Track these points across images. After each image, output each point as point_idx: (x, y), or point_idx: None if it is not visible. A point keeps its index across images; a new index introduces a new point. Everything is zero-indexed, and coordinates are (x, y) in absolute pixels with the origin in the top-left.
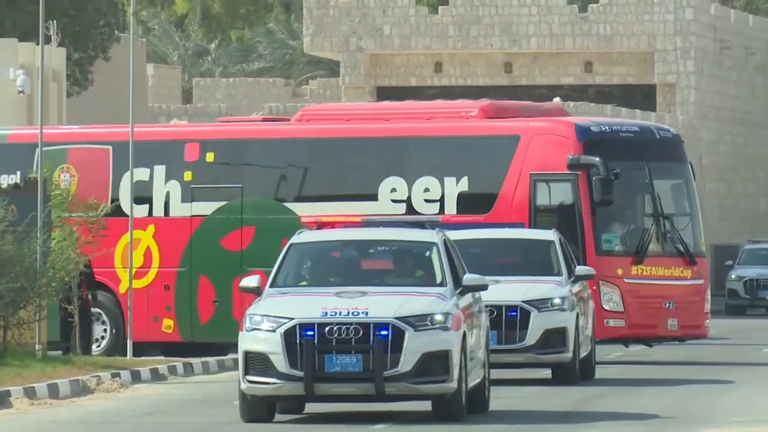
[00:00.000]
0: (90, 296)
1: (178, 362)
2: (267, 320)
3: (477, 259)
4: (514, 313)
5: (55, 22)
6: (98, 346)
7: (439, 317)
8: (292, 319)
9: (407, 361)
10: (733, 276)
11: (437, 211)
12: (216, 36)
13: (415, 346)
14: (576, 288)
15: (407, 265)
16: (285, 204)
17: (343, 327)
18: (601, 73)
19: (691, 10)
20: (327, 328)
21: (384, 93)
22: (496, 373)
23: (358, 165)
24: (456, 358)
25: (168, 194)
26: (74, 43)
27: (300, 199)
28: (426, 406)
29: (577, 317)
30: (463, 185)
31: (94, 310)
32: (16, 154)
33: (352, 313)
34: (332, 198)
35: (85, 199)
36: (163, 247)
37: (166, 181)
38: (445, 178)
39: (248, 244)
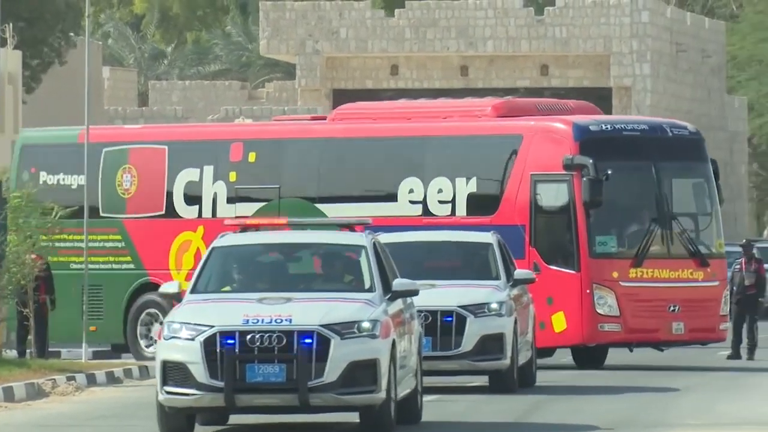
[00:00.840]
0: (48, 300)
1: (134, 365)
2: (186, 328)
3: (413, 263)
4: (449, 319)
5: (11, 24)
6: (147, 346)
7: (366, 324)
8: (212, 326)
9: (333, 370)
10: None
11: (449, 213)
12: (173, 38)
13: (341, 355)
14: (515, 292)
15: (334, 270)
16: (316, 205)
17: (266, 335)
18: (557, 76)
19: (647, 13)
20: (248, 337)
21: (340, 96)
22: (431, 381)
23: (378, 165)
24: (384, 367)
25: (215, 195)
26: (31, 50)
27: (327, 200)
28: (354, 417)
29: (516, 323)
30: (472, 186)
31: (151, 310)
32: (83, 154)
33: (275, 321)
34: (355, 199)
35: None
36: None
37: (214, 181)
38: (456, 179)
39: None
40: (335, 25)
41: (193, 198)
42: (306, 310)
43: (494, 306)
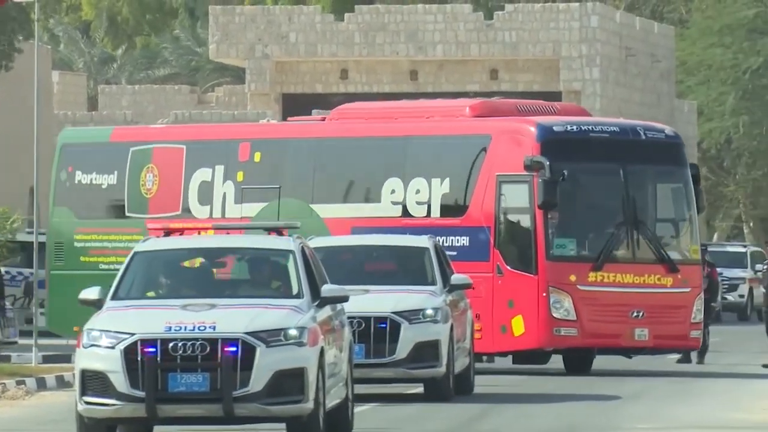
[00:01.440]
0: None
1: None
2: (106, 336)
3: (347, 267)
4: (383, 325)
5: None
6: None
7: (293, 332)
8: (133, 334)
9: (258, 379)
10: None
11: (425, 214)
12: (122, 43)
13: (266, 364)
14: (451, 298)
15: (261, 275)
16: (311, 205)
17: (189, 343)
18: (506, 80)
19: (596, 18)
20: (171, 345)
21: (289, 100)
22: (365, 389)
23: (362, 166)
24: (312, 377)
25: (224, 195)
26: None
27: (320, 200)
28: (281, 428)
29: (452, 329)
30: (445, 187)
31: None
32: (115, 154)
33: (199, 328)
34: (343, 200)
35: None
36: None
37: (224, 181)
38: (432, 180)
39: None
40: (285, 29)
41: (205, 198)
42: (231, 317)
43: (429, 312)
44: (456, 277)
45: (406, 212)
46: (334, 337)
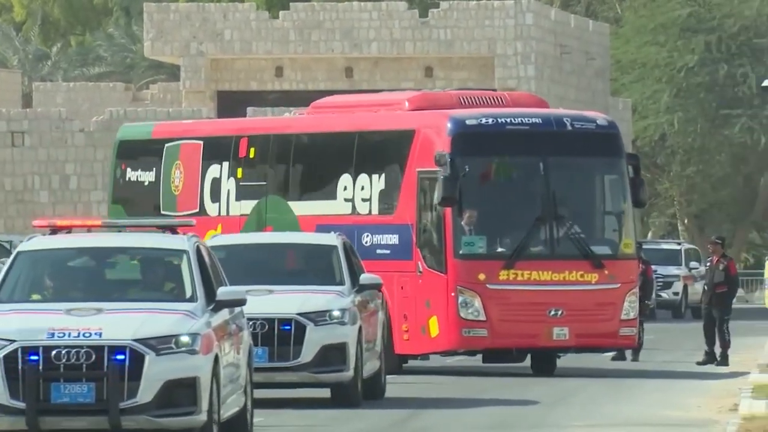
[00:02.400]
0: None
1: None
2: None
3: (251, 267)
4: (287, 327)
5: None
6: None
7: (185, 339)
8: (14, 341)
9: (147, 390)
10: None
11: (368, 212)
12: (56, 41)
13: (156, 373)
14: (360, 298)
15: (153, 277)
16: (289, 203)
17: (73, 351)
18: (441, 78)
19: (531, 15)
20: (54, 352)
21: (225, 97)
22: (268, 394)
23: (321, 161)
24: (205, 386)
25: (228, 192)
26: None
27: (293, 197)
28: None
29: (360, 331)
30: (382, 183)
31: None
32: (154, 151)
33: (84, 335)
34: (310, 197)
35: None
36: None
37: (228, 177)
38: (373, 176)
39: None
40: (220, 26)
41: (215, 195)
42: (118, 323)
43: (336, 313)
44: (365, 277)
45: (354, 209)
46: (231, 342)
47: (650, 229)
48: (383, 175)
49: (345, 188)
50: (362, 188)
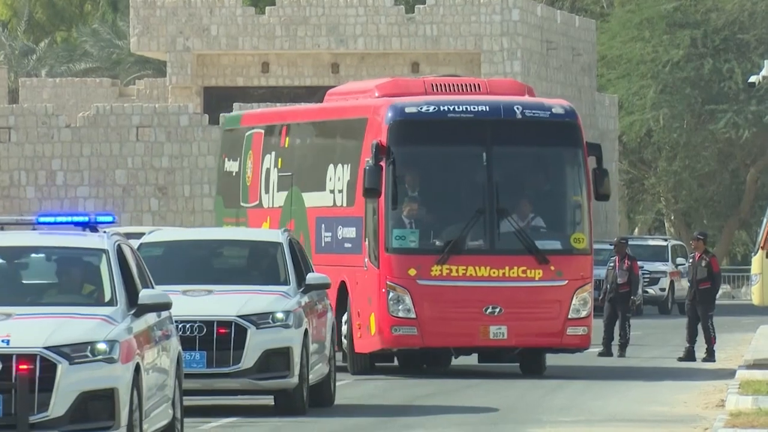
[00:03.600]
0: None
1: None
2: None
3: (189, 265)
4: (227, 330)
5: None
6: None
7: (102, 346)
8: None
9: (60, 403)
10: None
11: (341, 203)
12: (41, 37)
13: (70, 384)
14: (306, 299)
15: (69, 279)
16: (302, 194)
17: None
18: (428, 74)
19: (517, 11)
20: None
21: (210, 93)
22: (206, 402)
23: (315, 152)
24: (125, 398)
25: (273, 183)
26: None
27: (304, 188)
28: None
29: (306, 334)
30: (347, 174)
31: None
32: (240, 140)
33: None
34: (311, 188)
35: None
36: None
37: (273, 168)
38: (343, 166)
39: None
40: (206, 22)
41: (267, 186)
42: (28, 329)
43: (280, 316)
44: (312, 276)
45: (334, 201)
46: (156, 350)
47: (637, 226)
48: (349, 166)
49: (330, 179)
50: (338, 179)
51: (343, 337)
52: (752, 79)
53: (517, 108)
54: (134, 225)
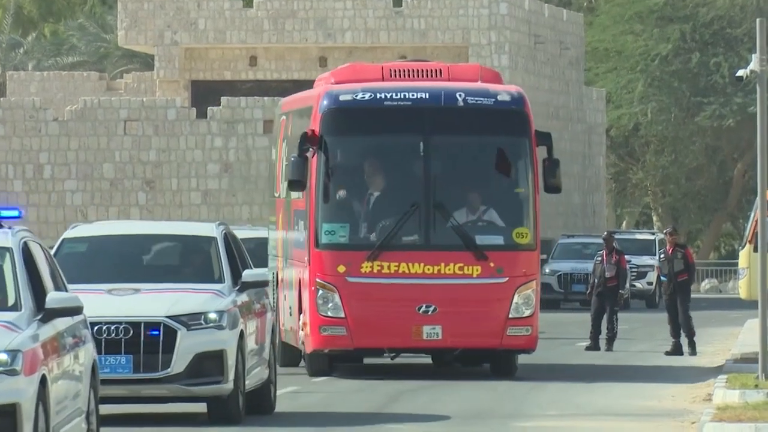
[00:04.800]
0: None
1: None
2: None
3: (115, 261)
4: (155, 333)
5: None
6: None
7: (3, 357)
8: None
9: None
10: (547, 270)
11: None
12: (29, 31)
13: None
14: (243, 298)
15: None
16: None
17: None
18: None
19: (505, 5)
20: None
21: (198, 87)
22: (134, 409)
23: (294, 141)
24: (29, 413)
25: (282, 172)
26: None
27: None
28: None
29: (242, 336)
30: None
31: None
32: (278, 126)
33: None
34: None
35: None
36: None
37: (285, 156)
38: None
39: None
40: (193, 16)
41: (281, 176)
42: None
43: (213, 316)
44: (249, 273)
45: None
46: (67, 358)
47: (624, 219)
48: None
49: None
50: None
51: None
52: (740, 72)
53: (459, 95)
54: (122, 219)
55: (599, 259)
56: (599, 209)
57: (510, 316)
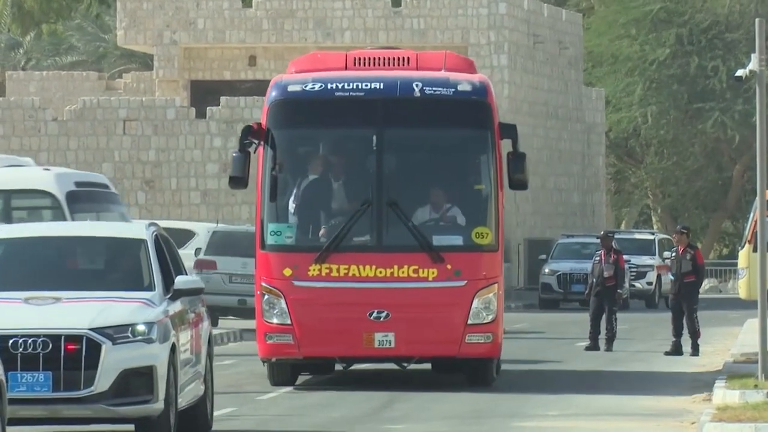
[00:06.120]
0: None
1: None
2: None
3: (33, 267)
4: (77, 347)
5: None
6: None
7: (141, 327)
8: None
9: None
10: (546, 270)
11: None
12: (29, 30)
13: None
14: (178, 308)
15: None
16: None
17: None
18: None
19: (504, 5)
20: None
21: (198, 86)
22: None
23: None
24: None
25: None
26: None
27: None
28: None
29: (174, 350)
30: None
31: None
32: None
33: None
34: None
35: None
36: None
37: None
38: None
39: None
40: (192, 15)
41: None
42: None
43: (141, 328)
44: (182, 280)
45: None
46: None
47: (623, 219)
48: None
49: None
50: None
51: None
52: (739, 72)
53: (416, 85)
54: None
55: (597, 258)
56: (598, 209)
57: (469, 322)
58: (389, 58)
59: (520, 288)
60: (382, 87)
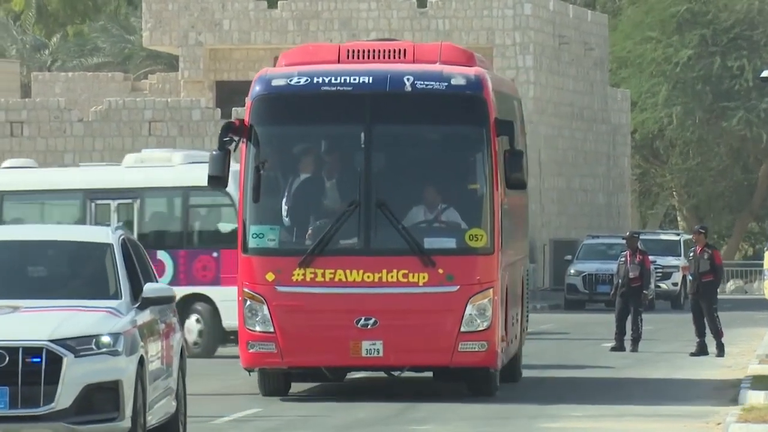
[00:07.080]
0: None
1: None
2: None
3: None
4: (37, 360)
5: None
6: None
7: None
8: None
9: None
10: (572, 271)
11: None
12: (54, 32)
13: None
14: (144, 318)
15: None
16: None
17: None
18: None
19: (529, 6)
20: None
21: (223, 87)
22: None
23: None
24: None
25: None
26: None
27: None
28: None
29: (142, 363)
30: None
31: None
32: None
33: None
34: None
35: None
36: None
37: None
38: None
39: None
40: (218, 16)
41: None
42: None
43: (106, 340)
44: (150, 288)
45: None
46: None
47: (648, 220)
48: None
49: None
50: None
51: None
52: (765, 73)
53: (408, 79)
54: None
55: (623, 259)
56: (624, 210)
57: (462, 329)
58: (384, 50)
59: (545, 289)
60: (371, 81)
